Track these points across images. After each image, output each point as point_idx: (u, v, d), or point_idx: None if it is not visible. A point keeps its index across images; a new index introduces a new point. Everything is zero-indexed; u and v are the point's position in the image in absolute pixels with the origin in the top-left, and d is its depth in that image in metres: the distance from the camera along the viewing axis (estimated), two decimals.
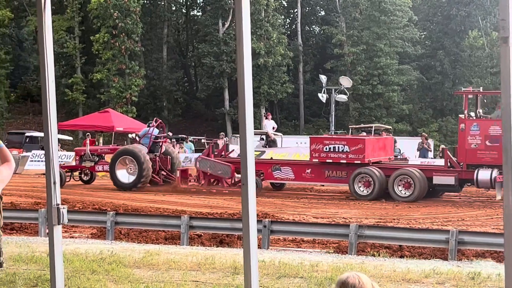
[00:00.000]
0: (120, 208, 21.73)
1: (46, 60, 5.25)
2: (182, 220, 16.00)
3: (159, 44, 60.97)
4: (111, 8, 53.11)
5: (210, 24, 56.59)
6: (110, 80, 53.81)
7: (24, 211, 19.45)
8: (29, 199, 24.57)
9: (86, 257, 12.05)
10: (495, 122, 23.42)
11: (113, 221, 16.72)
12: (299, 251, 15.24)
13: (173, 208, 22.22)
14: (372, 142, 26.27)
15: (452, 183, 24.12)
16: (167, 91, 58.54)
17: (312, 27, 68.95)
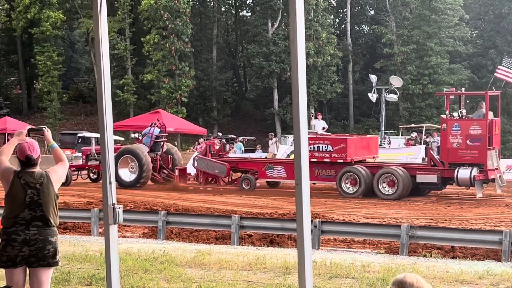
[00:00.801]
0: (171, 207, 21.92)
1: (102, 62, 5.33)
2: (233, 220, 16.08)
3: (209, 45, 61.21)
4: (161, 9, 53.49)
5: (259, 25, 56.63)
6: (161, 81, 54.20)
7: (77, 210, 19.75)
8: (82, 199, 24.92)
9: (138, 256, 12.18)
10: (476, 122, 24.30)
11: (165, 221, 16.88)
12: (350, 251, 15.20)
13: (223, 208, 22.33)
14: (355, 142, 27.09)
15: (434, 181, 24.84)
16: (216, 91, 58.75)
17: (362, 26, 68.60)
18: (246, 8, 68.47)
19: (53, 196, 6.69)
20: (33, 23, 58.40)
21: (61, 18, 57.63)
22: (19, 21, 57.99)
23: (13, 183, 6.61)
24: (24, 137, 7.02)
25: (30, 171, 6.66)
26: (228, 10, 68.11)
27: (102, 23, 5.17)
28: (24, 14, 57.23)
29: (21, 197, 6.57)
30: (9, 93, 69.96)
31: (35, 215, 6.58)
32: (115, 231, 5.39)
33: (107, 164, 5.30)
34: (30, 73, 67.65)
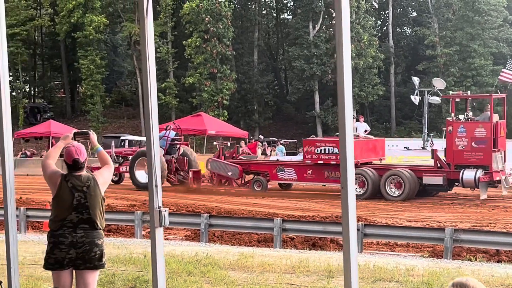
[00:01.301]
0: (213, 210, 21.98)
1: (148, 65, 5.37)
2: (275, 222, 16.06)
3: (250, 47, 61.34)
4: (203, 13, 53.77)
5: (300, 27, 56.60)
6: (202, 84, 54.46)
7: (120, 213, 19.89)
8: (125, 201, 25.11)
9: (182, 259, 12.23)
10: (481, 124, 24.74)
11: (207, 224, 16.93)
12: (393, 254, 15.09)
13: (265, 210, 22.33)
14: (361, 144, 27.37)
15: (440, 183, 25.25)
16: (257, 94, 58.83)
17: (404, 28, 68.15)
18: (287, 11, 68.47)
19: (100, 199, 6.76)
20: (77, 27, 59.09)
21: (104, 22, 58.22)
22: (63, 26, 58.68)
23: (60, 187, 6.68)
24: (70, 141, 7.10)
25: (77, 174, 6.73)
26: (269, 13, 68.17)
27: (148, 27, 5.21)
28: (67, 18, 57.91)
29: (68, 200, 6.64)
30: (53, 97, 70.89)
31: (82, 218, 6.65)
32: (161, 234, 5.42)
33: (153, 167, 5.34)
34: (74, 77, 68.39)
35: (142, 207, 22.70)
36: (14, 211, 6.04)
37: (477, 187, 24.79)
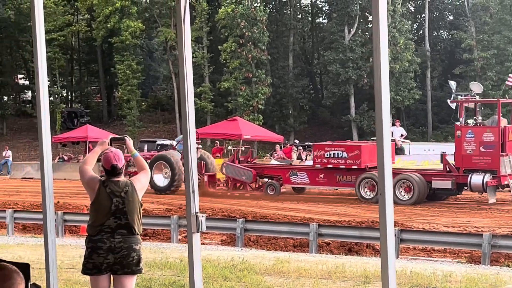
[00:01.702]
0: (249, 215, 21.98)
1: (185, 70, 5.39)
2: (311, 227, 16.03)
3: (285, 52, 61.30)
4: (238, 17, 53.87)
5: (336, 31, 56.44)
6: (237, 89, 54.54)
7: (156, 217, 19.98)
8: (161, 206, 25.23)
9: (218, 263, 12.25)
10: (489, 129, 25.03)
11: (243, 228, 16.95)
12: (430, 260, 14.97)
13: (301, 215, 22.29)
14: (369, 148, 27.48)
15: (449, 187, 25.43)
16: (293, 98, 58.77)
17: (440, 32, 67.62)
18: (323, 15, 68.33)
19: (137, 204, 6.80)
20: (113, 33, 59.55)
21: (140, 27, 58.61)
22: (100, 31, 59.18)
23: (99, 192, 6.73)
24: (106, 146, 7.17)
25: (115, 180, 6.78)
26: (305, 17, 68.11)
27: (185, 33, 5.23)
28: (104, 24, 58.39)
29: (107, 205, 6.68)
30: (90, 102, 71.54)
31: (120, 223, 6.69)
32: (198, 239, 5.43)
33: (190, 173, 5.35)
34: (110, 82, 68.96)
35: (178, 211, 22.80)
36: (53, 215, 6.09)
37: (485, 191, 24.97)
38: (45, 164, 6.04)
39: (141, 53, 64.46)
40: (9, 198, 28.57)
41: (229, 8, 54.23)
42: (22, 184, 36.41)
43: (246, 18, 54.01)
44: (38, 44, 6.06)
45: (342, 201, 26.94)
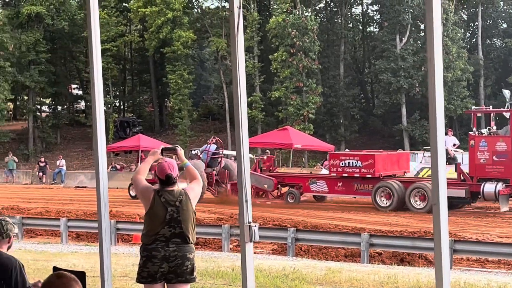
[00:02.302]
0: (300, 224, 21.94)
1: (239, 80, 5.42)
2: (363, 237, 15.93)
3: (336, 61, 61.14)
4: (289, 27, 53.92)
5: (387, 40, 56.13)
6: (288, 98, 54.55)
7: (208, 226, 20.08)
8: (212, 215, 25.32)
9: (269, 273, 12.25)
10: (501, 138, 25.27)
11: (294, 238, 16.93)
12: (484, 271, 14.77)
13: (352, 225, 22.19)
14: (383, 158, 28.70)
15: (463, 195, 25.75)
16: (343, 107, 58.56)
17: (494, 40, 66.77)
18: (374, 24, 68.07)
19: (191, 213, 6.86)
20: (165, 43, 60.10)
21: (191, 37, 59.04)
22: (152, 41, 59.78)
23: (154, 202, 6.80)
24: (158, 156, 7.25)
25: (170, 189, 6.85)
26: (356, 26, 67.86)
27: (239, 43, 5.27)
28: (156, 34, 58.96)
29: (161, 215, 6.74)
30: (142, 111, 72.21)
31: (174, 232, 6.75)
32: (251, 249, 5.45)
33: (243, 182, 5.38)
34: (162, 92, 69.55)
35: (229, 220, 22.87)
36: (108, 224, 6.17)
37: (497, 199, 25.36)
38: (100, 174, 6.13)
39: (192, 63, 64.86)
40: (63, 206, 28.98)
41: (280, 17, 54.33)
42: (75, 193, 36.93)
43: (297, 28, 54.04)
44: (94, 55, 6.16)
45: (394, 211, 26.72)
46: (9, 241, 6.13)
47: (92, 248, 17.90)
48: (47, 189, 41.10)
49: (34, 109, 64.26)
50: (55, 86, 65.25)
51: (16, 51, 59.24)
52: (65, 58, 70.32)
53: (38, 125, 64.08)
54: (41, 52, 60.89)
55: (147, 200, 6.83)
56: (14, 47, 58.61)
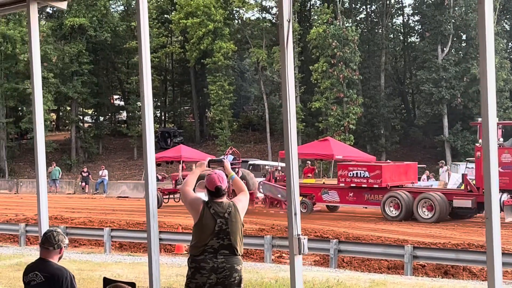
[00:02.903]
0: (342, 236, 21.85)
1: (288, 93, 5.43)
2: (406, 249, 15.82)
3: (377, 71, 60.93)
4: (329, 38, 53.91)
5: (428, 51, 55.81)
6: (329, 109, 54.49)
7: (250, 237, 20.04)
8: (253, 225, 25.32)
9: (313, 284, 12.23)
10: (507, 150, 25.92)
11: (336, 249, 16.87)
12: None
13: (394, 237, 22.03)
14: (391, 168, 29.46)
15: (469, 206, 26.39)
16: (384, 118, 58.31)
17: None
18: (415, 34, 67.70)
19: (240, 225, 6.88)
20: (206, 54, 60.46)
21: (232, 48, 59.32)
22: (193, 52, 60.15)
23: (203, 213, 6.82)
24: (205, 168, 7.31)
25: (219, 201, 6.88)
26: (396, 37, 67.62)
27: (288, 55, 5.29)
28: (197, 45, 59.34)
29: (210, 226, 6.77)
30: (183, 122, 72.63)
31: (222, 243, 6.77)
32: (300, 261, 5.45)
33: (292, 195, 5.39)
34: (202, 102, 69.91)
35: (271, 231, 22.87)
36: (157, 235, 6.22)
37: (501, 210, 25.21)
38: (150, 186, 6.19)
39: (232, 73, 65.14)
40: (105, 216, 29.23)
41: (321, 28, 54.34)
42: (117, 203, 37.23)
43: (337, 38, 54.01)
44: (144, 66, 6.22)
45: (436, 223, 26.50)
46: (60, 251, 6.21)
47: (135, 258, 18.03)
48: (89, 199, 41.49)
49: (76, 119, 65.00)
50: (97, 97, 65.98)
51: (59, 62, 60.01)
52: (107, 69, 71.12)
53: (81, 136, 64.79)
54: (83, 63, 61.63)
55: (196, 212, 6.86)
56: (58, 58, 59.38)
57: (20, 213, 30.65)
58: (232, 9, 63.49)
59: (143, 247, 20.56)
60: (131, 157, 63.41)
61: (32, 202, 37.09)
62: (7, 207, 34.50)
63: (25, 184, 50.21)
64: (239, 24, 64.78)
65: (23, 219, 27.18)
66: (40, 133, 7.28)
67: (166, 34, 67.12)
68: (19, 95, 61.05)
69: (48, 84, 56.85)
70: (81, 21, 59.71)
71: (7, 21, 58.02)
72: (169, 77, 75.30)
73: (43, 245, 6.19)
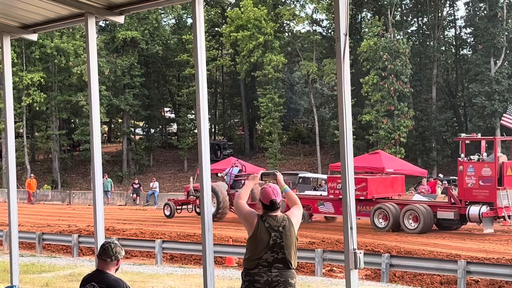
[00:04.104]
0: (393, 250, 21.69)
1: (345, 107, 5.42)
2: (459, 264, 15.66)
3: (428, 84, 60.41)
4: (380, 50, 53.67)
5: (481, 63, 55.19)
6: (379, 121, 54.19)
7: (300, 250, 19.96)
8: (304, 238, 25.25)
9: None
10: (487, 164, 27.01)
11: (388, 263, 16.75)
12: None
13: (447, 251, 21.80)
14: (376, 181, 30.40)
15: (452, 217, 27.60)
16: (436, 131, 57.76)
17: None
18: (467, 47, 67.00)
19: (294, 239, 6.86)
20: (256, 67, 60.66)
21: (282, 61, 59.42)
22: (243, 65, 60.38)
23: (258, 227, 6.81)
24: (257, 181, 7.31)
25: (273, 214, 6.87)
26: (448, 49, 66.96)
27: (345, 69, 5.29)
28: (247, 58, 59.57)
29: (265, 240, 6.75)
30: (233, 134, 72.90)
31: (277, 257, 6.75)
32: (356, 276, 5.42)
33: (348, 209, 5.37)
34: (252, 115, 70.11)
35: (321, 244, 22.79)
36: (211, 248, 6.25)
37: (481, 221, 26.93)
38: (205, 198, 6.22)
39: (282, 86, 65.21)
40: (156, 228, 29.44)
41: (371, 41, 54.16)
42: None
43: (388, 51, 53.75)
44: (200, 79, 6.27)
45: (489, 238, 26.14)
46: (117, 263, 6.26)
47: (187, 270, 18.12)
48: (140, 211, 41.82)
49: (128, 131, 65.70)
50: (149, 109, 66.64)
51: (112, 75, 60.78)
52: (158, 82, 71.82)
53: (132, 148, 65.46)
54: (135, 76, 62.35)
55: (251, 225, 6.85)
56: (110, 71, 60.14)
57: (72, 224, 31.05)
58: (283, 22, 63.65)
59: (194, 259, 20.66)
60: (181, 169, 63.80)
61: (84, 213, 37.64)
62: (60, 218, 34.97)
63: (77, 195, 50.83)
64: (290, 37, 64.88)
65: (76, 230, 27.51)
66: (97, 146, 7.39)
67: (217, 47, 67.55)
68: (72, 108, 61.99)
69: (100, 97, 57.47)
70: (133, 34, 60.43)
71: (61, 35, 58.96)
72: (220, 89, 75.74)
73: (101, 256, 6.25)
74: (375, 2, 59.95)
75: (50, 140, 62.52)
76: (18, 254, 10.32)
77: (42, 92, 59.44)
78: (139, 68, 62.73)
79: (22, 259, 17.98)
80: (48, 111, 61.76)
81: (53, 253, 23.53)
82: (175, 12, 65.89)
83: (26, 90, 58.88)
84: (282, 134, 62.48)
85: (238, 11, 59.86)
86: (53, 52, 58.83)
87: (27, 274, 16.69)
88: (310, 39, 61.53)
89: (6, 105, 8.73)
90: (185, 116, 64.86)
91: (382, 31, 55.26)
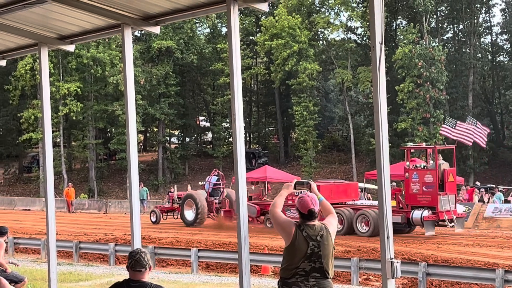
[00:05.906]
0: (430, 258, 21.51)
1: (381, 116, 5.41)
2: (497, 273, 15.51)
3: (464, 91, 59.97)
4: (416, 57, 53.39)
5: None
6: (415, 129, 53.88)
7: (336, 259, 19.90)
8: (339, 247, 25.14)
9: None
10: (429, 171, 28.89)
11: (425, 272, 16.63)
12: None
13: (485, 260, 21.57)
14: (329, 188, 31.95)
15: (399, 221, 28.78)
16: None
17: None
18: (504, 54, 66.39)
19: (331, 248, 6.84)
20: (291, 75, 60.65)
21: (317, 69, 59.37)
22: (278, 73, 60.44)
23: (295, 236, 6.80)
24: (292, 190, 7.29)
25: (311, 224, 6.85)
26: (485, 56, 66.43)
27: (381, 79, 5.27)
28: (282, 66, 59.61)
29: (303, 249, 6.74)
30: (267, 143, 72.92)
31: (314, 266, 6.73)
32: (393, 285, 5.39)
33: (384, 218, 5.35)
34: (287, 123, 70.07)
35: (357, 253, 22.69)
36: (247, 256, 6.25)
37: (423, 225, 28.72)
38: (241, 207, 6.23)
39: (317, 94, 65.11)
40: (192, 237, 29.51)
41: (407, 48, 53.90)
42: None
43: (424, 58, 53.45)
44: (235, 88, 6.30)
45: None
46: (150, 269, 6.25)
47: (223, 279, 18.14)
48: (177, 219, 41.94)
49: (163, 140, 66.06)
50: (184, 118, 66.95)
51: (147, 84, 61.20)
52: (193, 91, 72.14)
53: (167, 156, 65.76)
54: (170, 85, 62.72)
55: (288, 235, 6.83)
56: (145, 80, 60.56)
57: (109, 232, 31.23)
58: (317, 30, 63.56)
59: (229, 267, 20.66)
60: None
61: (121, 222, 37.88)
62: (97, 227, 35.22)
63: (113, 204, 51.14)
64: (324, 45, 64.79)
65: (112, 239, 27.67)
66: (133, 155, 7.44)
67: (251, 55, 67.69)
68: (108, 117, 62.51)
69: (136, 106, 57.79)
70: (168, 44, 60.82)
71: (97, 45, 59.51)
72: (254, 98, 75.85)
73: (135, 268, 6.10)
74: (410, 9, 59.64)
75: (86, 149, 63.06)
76: (56, 262, 10.42)
77: (78, 102, 60.01)
78: (174, 77, 63.09)
79: (60, 267, 18.13)
80: (85, 120, 62.35)
81: (90, 261, 23.69)
82: (209, 21, 66.21)
83: (63, 100, 59.47)
84: (317, 142, 62.35)
85: (273, 20, 59.95)
86: (89, 62, 59.41)
87: (64, 282, 16.83)
88: (345, 47, 61.39)
89: (44, 115, 8.90)
90: (220, 125, 65.03)
91: (417, 38, 54.95)
